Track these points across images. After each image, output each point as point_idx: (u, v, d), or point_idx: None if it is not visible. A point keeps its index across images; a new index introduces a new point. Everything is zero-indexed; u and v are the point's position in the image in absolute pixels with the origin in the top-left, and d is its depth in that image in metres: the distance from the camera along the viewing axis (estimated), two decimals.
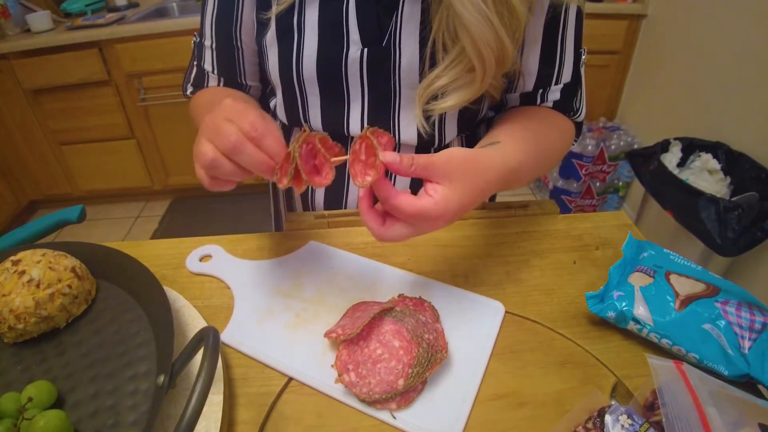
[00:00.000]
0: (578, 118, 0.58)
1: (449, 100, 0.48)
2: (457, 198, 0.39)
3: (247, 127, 0.37)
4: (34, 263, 0.43)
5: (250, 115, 0.38)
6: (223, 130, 0.37)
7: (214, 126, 0.38)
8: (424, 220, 0.38)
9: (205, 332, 0.33)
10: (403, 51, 0.50)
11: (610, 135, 1.97)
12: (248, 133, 0.37)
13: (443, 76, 0.47)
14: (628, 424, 0.33)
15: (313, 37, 0.50)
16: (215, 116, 0.39)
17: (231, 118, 0.38)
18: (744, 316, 0.40)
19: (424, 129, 0.53)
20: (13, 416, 0.34)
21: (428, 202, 0.38)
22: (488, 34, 0.43)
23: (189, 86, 0.63)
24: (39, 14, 1.91)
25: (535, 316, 0.47)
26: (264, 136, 0.38)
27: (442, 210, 0.38)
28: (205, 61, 0.60)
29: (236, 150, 0.37)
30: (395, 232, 0.39)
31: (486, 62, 0.45)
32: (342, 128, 0.56)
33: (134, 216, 2.33)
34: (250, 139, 0.37)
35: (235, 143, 0.36)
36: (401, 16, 0.49)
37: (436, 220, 0.39)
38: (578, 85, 0.56)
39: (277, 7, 0.50)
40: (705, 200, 1.28)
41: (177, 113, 2.03)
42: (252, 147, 0.37)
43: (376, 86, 0.53)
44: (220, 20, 0.56)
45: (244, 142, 0.37)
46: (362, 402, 0.39)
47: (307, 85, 0.54)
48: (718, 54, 1.51)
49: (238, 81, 0.61)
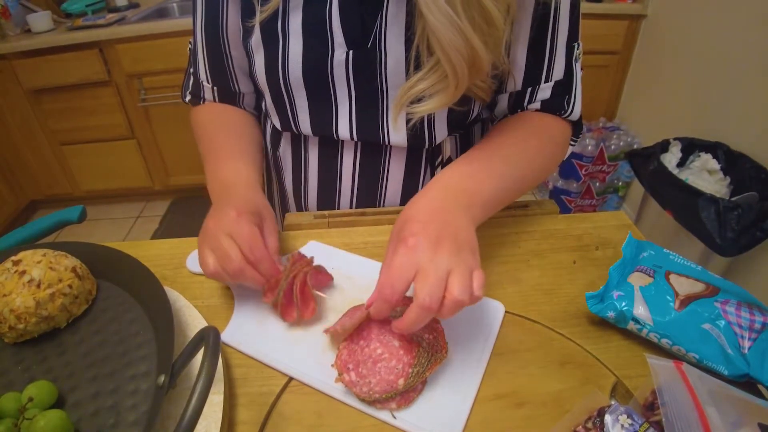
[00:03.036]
0: (571, 117, 0.55)
1: (427, 104, 0.47)
2: (416, 206, 0.42)
3: (246, 251, 0.43)
4: (34, 263, 0.43)
5: (248, 237, 0.43)
6: (226, 252, 0.42)
7: (217, 241, 0.43)
8: (399, 248, 0.39)
9: (206, 332, 0.33)
10: (389, 52, 0.49)
11: (609, 135, 1.97)
12: (248, 257, 0.43)
13: (425, 79, 0.46)
14: (627, 424, 0.33)
15: (298, 41, 0.50)
16: (218, 227, 0.44)
17: (232, 234, 0.43)
18: (744, 315, 0.40)
19: (400, 130, 0.53)
20: (14, 416, 0.34)
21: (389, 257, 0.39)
22: (457, 41, 0.42)
23: (188, 94, 0.64)
24: (39, 15, 1.91)
25: (535, 316, 0.47)
26: (260, 261, 0.43)
27: (402, 221, 0.41)
28: (199, 69, 0.60)
29: (237, 275, 0.43)
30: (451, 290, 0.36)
31: (457, 68, 0.44)
32: (331, 131, 0.56)
33: (135, 216, 2.33)
34: (248, 263, 0.43)
35: (236, 270, 0.42)
36: (386, 18, 0.48)
37: (406, 234, 0.39)
38: (571, 82, 0.53)
39: (261, 14, 0.50)
40: (705, 200, 1.28)
41: (177, 113, 2.03)
42: (251, 271, 0.43)
43: (362, 88, 0.52)
44: (208, 27, 0.56)
45: (245, 268, 0.43)
46: (362, 401, 0.39)
47: (294, 89, 0.53)
48: (718, 54, 1.51)
49: (232, 89, 0.61)
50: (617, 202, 2.11)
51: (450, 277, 0.36)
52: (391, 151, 0.58)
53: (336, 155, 0.59)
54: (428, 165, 0.60)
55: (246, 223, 0.44)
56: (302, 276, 0.46)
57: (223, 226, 0.44)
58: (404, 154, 0.58)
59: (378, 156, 0.58)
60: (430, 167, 0.60)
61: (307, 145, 0.60)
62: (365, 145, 0.57)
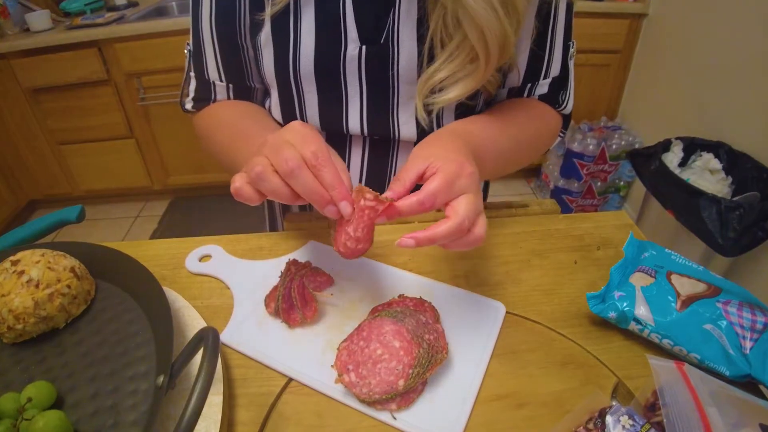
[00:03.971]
0: (564, 110, 0.58)
1: (451, 92, 0.48)
2: (452, 156, 0.39)
3: (308, 155, 0.37)
4: (33, 263, 0.42)
5: (314, 144, 0.37)
6: (283, 152, 0.36)
7: (275, 146, 0.37)
8: (454, 182, 0.37)
9: (205, 332, 0.33)
10: (402, 47, 0.50)
11: (611, 134, 1.97)
12: (309, 160, 0.37)
13: (443, 69, 0.47)
14: (629, 425, 0.33)
15: (310, 36, 0.50)
16: (278, 137, 0.38)
17: (294, 142, 0.37)
18: (745, 316, 0.40)
19: (425, 122, 0.53)
20: (13, 416, 0.34)
21: (440, 175, 0.37)
22: (494, 23, 0.43)
23: (189, 101, 0.59)
24: (38, 13, 1.90)
25: (536, 317, 0.46)
26: (323, 167, 0.37)
27: (457, 167, 0.38)
28: (209, 69, 0.56)
29: (293, 174, 0.36)
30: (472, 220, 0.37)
31: (491, 51, 0.45)
32: (341, 126, 0.56)
33: (134, 216, 2.33)
34: (309, 167, 0.37)
35: (293, 168, 0.36)
36: (398, 13, 0.49)
37: (460, 178, 0.38)
38: (566, 78, 0.56)
39: (273, 7, 0.49)
40: (706, 200, 1.28)
41: (177, 113, 2.02)
42: (309, 174, 0.36)
43: (374, 83, 0.53)
44: (220, 21, 0.54)
45: (303, 168, 0.36)
46: (362, 402, 0.39)
47: (305, 83, 0.53)
48: (720, 53, 1.51)
49: (247, 84, 0.58)
50: (618, 201, 2.11)
51: (479, 217, 0.38)
52: (399, 146, 0.58)
53: (344, 151, 0.59)
54: None
55: (312, 130, 0.39)
56: (299, 278, 0.46)
57: (283, 133, 0.38)
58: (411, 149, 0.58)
59: (386, 151, 0.58)
60: None
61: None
62: (373, 140, 0.58)
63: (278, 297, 0.45)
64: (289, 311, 0.45)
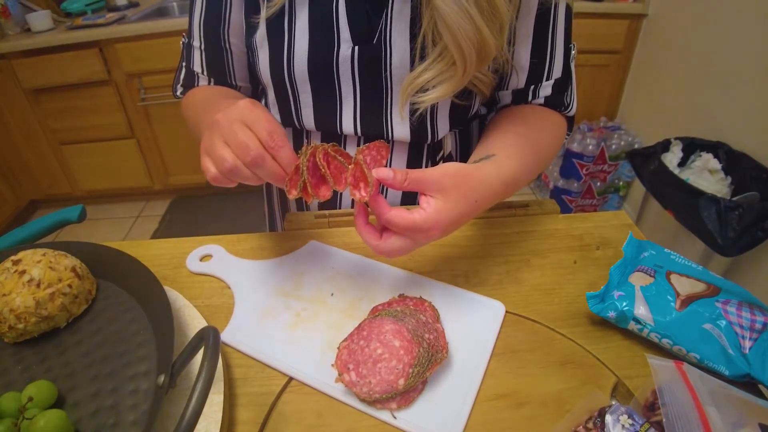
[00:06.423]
0: (569, 112, 0.59)
1: (433, 93, 0.48)
2: (449, 209, 0.40)
3: (265, 137, 0.38)
4: (34, 263, 0.43)
5: (266, 123, 0.39)
6: (241, 140, 0.38)
7: (230, 129, 0.38)
8: (417, 232, 0.40)
9: (206, 332, 0.33)
10: (394, 48, 0.50)
11: (610, 135, 1.97)
12: (266, 143, 0.38)
13: (429, 70, 0.47)
14: (628, 424, 0.33)
15: (304, 37, 0.51)
16: (229, 116, 0.39)
17: (247, 122, 0.38)
18: (745, 316, 0.40)
19: (410, 121, 0.54)
20: (14, 416, 0.34)
21: (420, 215, 0.40)
22: (467, 27, 0.43)
23: (179, 87, 0.62)
24: (39, 14, 1.91)
25: (536, 316, 0.47)
26: (280, 148, 0.39)
27: (434, 221, 0.40)
28: (194, 62, 0.59)
29: (257, 164, 0.38)
30: (392, 245, 0.41)
31: (466, 55, 0.45)
32: (335, 127, 0.56)
33: (134, 216, 2.33)
34: (267, 150, 0.38)
35: (255, 158, 0.37)
36: (391, 14, 0.49)
37: (429, 232, 0.40)
38: (569, 80, 0.56)
39: (267, 10, 0.50)
40: (706, 200, 1.28)
41: (177, 113, 2.00)
42: (271, 161, 0.38)
43: (367, 84, 0.53)
44: (208, 21, 0.56)
45: (265, 156, 0.38)
46: (362, 402, 0.39)
47: (299, 84, 0.54)
48: (719, 53, 1.51)
49: (228, 82, 0.61)
50: (618, 201, 2.11)
51: (407, 239, 0.42)
52: (393, 147, 0.58)
53: None
54: (429, 160, 0.60)
55: (262, 110, 0.40)
56: (322, 150, 0.41)
57: (235, 114, 0.39)
58: (406, 150, 0.59)
59: None
60: (431, 163, 0.61)
61: (310, 140, 0.60)
62: (368, 140, 0.58)
63: (303, 171, 0.39)
64: (319, 186, 0.41)
